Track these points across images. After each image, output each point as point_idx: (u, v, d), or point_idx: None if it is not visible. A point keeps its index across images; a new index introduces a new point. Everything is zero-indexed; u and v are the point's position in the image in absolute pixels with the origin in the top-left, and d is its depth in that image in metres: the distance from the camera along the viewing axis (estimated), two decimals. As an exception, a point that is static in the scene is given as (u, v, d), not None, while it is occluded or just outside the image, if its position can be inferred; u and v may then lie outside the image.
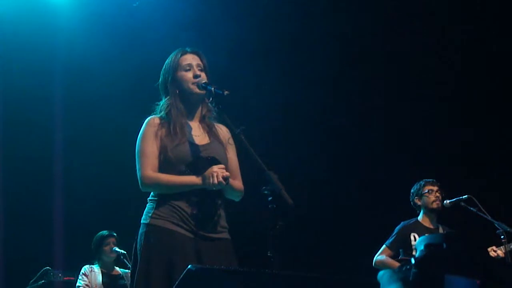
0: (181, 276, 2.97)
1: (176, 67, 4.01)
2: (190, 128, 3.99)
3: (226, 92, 3.80)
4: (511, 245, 6.17)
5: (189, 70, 3.99)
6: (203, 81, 3.92)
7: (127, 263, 7.15)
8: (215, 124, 4.09)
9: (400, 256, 6.37)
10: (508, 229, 6.16)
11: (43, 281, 7.62)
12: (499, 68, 8.19)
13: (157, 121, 3.97)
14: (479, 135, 8.25)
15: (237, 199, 4.05)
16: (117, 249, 7.38)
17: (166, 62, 4.09)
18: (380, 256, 6.42)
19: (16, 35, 8.02)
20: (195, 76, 3.97)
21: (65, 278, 7.73)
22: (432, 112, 8.49)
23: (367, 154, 8.70)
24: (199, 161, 3.86)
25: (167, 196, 3.86)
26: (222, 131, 4.10)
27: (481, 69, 8.24)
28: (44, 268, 7.69)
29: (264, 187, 3.49)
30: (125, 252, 7.29)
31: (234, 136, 3.92)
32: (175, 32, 7.72)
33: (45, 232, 8.40)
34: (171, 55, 4.09)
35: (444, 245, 1.46)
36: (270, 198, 3.47)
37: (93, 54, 8.16)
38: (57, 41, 8.16)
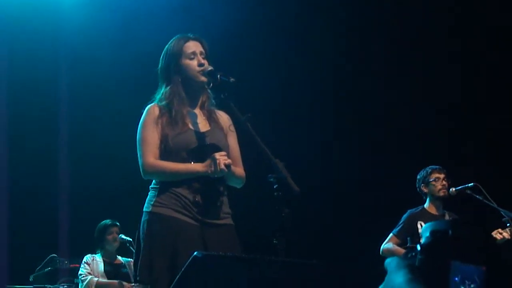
0: (187, 262, 2.98)
1: (180, 54, 3.97)
2: (192, 116, 3.98)
3: (232, 80, 3.79)
4: None
5: (194, 58, 3.96)
6: (209, 69, 3.91)
7: (133, 250, 7.16)
8: (215, 110, 4.08)
9: (408, 244, 6.37)
10: (514, 217, 6.16)
11: (49, 268, 7.65)
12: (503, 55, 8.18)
13: (157, 109, 3.94)
14: (485, 122, 8.24)
15: (238, 186, 4.05)
16: (123, 236, 7.40)
17: (166, 48, 4.05)
18: (387, 244, 6.41)
19: (20, 26, 8.06)
20: (200, 65, 3.95)
21: (71, 265, 7.75)
22: (438, 97, 8.47)
23: (373, 143, 8.68)
24: (200, 149, 3.85)
25: (169, 183, 3.85)
26: (223, 118, 4.08)
27: (484, 54, 8.23)
28: (50, 255, 7.72)
29: (270, 175, 3.49)
30: (131, 240, 7.30)
31: (239, 124, 3.91)
32: (170, 17, 7.73)
33: (51, 219, 8.42)
34: (172, 41, 4.05)
35: (450, 232, 1.46)
36: (276, 186, 3.48)
37: (96, 44, 8.21)
38: (60, 31, 8.19)
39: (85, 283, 7.19)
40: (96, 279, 7.21)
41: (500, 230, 6.20)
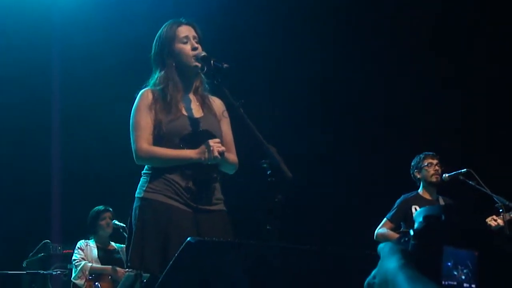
0: (180, 248, 2.98)
1: (173, 39, 3.96)
2: (185, 102, 3.97)
3: (225, 65, 3.77)
4: (511, 213, 6.19)
5: (187, 42, 3.95)
6: (202, 54, 3.90)
7: (127, 236, 7.15)
8: (209, 96, 4.07)
9: (402, 229, 6.40)
10: (507, 202, 6.18)
11: (42, 254, 7.66)
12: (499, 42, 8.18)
13: (151, 94, 3.93)
14: (479, 108, 8.26)
15: (231, 172, 4.05)
16: (116, 222, 7.40)
17: (159, 33, 4.03)
18: (381, 229, 6.44)
19: (11, 11, 8.03)
20: (193, 49, 3.94)
21: (64, 251, 7.77)
22: (433, 86, 8.48)
23: (368, 129, 8.69)
24: (194, 135, 3.85)
25: (161, 169, 3.85)
26: (216, 103, 4.08)
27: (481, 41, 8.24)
28: (43, 241, 7.73)
29: (263, 161, 3.49)
30: (124, 225, 7.30)
31: (232, 109, 3.90)
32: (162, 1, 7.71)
33: (44, 205, 8.42)
34: (165, 26, 4.03)
35: (443, 217, 1.47)
36: (269, 172, 3.47)
37: (89, 28, 8.21)
38: (51, 16, 8.18)
39: (78, 268, 7.19)
40: (90, 264, 7.21)
41: (494, 216, 6.23)
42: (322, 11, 8.48)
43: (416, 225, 1.45)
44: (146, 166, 3.93)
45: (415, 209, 6.29)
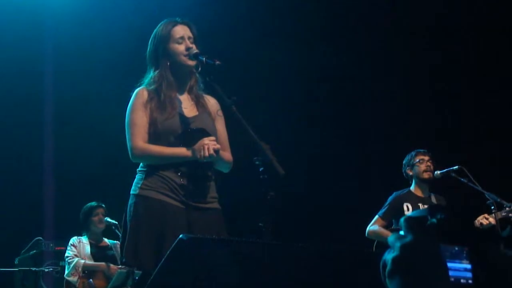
0: (173, 245, 2.98)
1: (168, 39, 3.97)
2: (180, 101, 3.99)
3: (217, 62, 3.79)
4: (503, 212, 6.20)
5: (182, 42, 3.96)
6: (195, 51, 3.91)
7: (119, 233, 7.15)
8: (203, 95, 4.08)
9: (393, 226, 6.41)
10: (498, 199, 6.19)
11: (34, 251, 7.64)
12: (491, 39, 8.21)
13: (146, 92, 3.95)
14: (471, 106, 8.29)
15: (226, 171, 4.07)
16: (108, 219, 7.40)
17: (155, 32, 4.04)
18: (373, 226, 6.45)
19: (2, 7, 8.02)
20: (187, 49, 3.95)
21: (56, 248, 7.75)
22: (426, 84, 8.50)
23: (360, 127, 8.70)
24: (189, 133, 3.87)
25: (157, 167, 3.86)
26: (210, 102, 4.09)
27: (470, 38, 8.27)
28: (35, 238, 7.71)
29: (255, 158, 3.50)
30: (116, 222, 7.30)
31: (225, 107, 3.91)
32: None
33: (37, 202, 8.40)
34: (160, 26, 4.04)
35: (429, 217, 1.48)
36: (261, 169, 3.48)
37: (83, 25, 8.18)
38: (45, 12, 8.15)
39: (72, 265, 7.18)
40: (82, 261, 7.20)
41: (486, 215, 6.23)
42: (318, 6, 8.48)
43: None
44: (141, 164, 3.95)
45: (407, 206, 6.30)
